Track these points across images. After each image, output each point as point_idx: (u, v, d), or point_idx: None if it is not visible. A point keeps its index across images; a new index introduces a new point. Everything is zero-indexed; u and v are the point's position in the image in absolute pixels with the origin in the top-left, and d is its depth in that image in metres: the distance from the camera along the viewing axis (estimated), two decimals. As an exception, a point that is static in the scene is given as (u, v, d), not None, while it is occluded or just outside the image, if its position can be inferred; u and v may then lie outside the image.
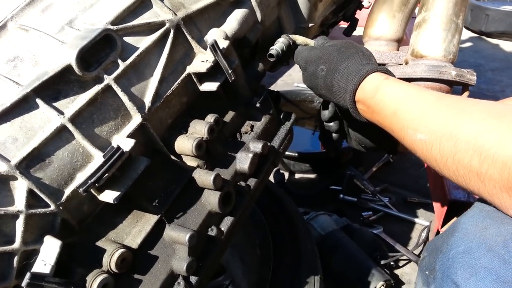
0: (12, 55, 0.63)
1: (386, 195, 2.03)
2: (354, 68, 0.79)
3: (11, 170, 0.56)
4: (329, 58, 0.84)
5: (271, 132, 0.96)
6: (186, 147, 0.76)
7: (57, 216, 0.62)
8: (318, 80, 0.86)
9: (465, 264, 0.56)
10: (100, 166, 0.60)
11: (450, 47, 0.86)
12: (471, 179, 0.58)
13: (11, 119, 0.58)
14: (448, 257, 0.60)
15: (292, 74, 3.60)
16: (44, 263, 0.58)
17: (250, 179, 0.87)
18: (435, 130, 0.63)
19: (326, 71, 0.84)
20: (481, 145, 0.55)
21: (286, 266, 1.12)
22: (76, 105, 0.63)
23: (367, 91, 0.78)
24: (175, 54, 0.77)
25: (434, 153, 0.63)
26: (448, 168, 0.61)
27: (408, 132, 0.69)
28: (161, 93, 0.74)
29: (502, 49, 3.94)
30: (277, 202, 1.37)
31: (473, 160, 0.56)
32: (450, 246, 0.61)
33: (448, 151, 0.60)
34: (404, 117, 0.70)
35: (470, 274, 0.55)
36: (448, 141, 0.60)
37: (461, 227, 0.62)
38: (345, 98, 0.80)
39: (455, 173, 0.60)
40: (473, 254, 0.56)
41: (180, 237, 0.69)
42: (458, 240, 0.61)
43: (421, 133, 0.66)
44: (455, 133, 0.60)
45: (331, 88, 0.83)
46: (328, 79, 0.83)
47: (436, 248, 0.67)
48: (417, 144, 0.67)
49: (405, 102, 0.72)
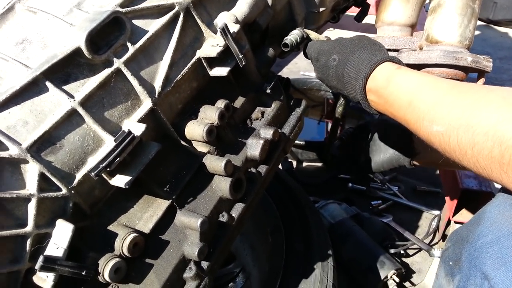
0: (20, 38, 0.63)
1: (395, 184, 2.01)
2: (366, 57, 0.78)
3: (22, 153, 0.56)
4: (342, 49, 0.83)
5: (282, 119, 0.95)
6: (197, 132, 0.75)
7: (68, 200, 0.61)
8: (330, 70, 0.85)
9: (493, 254, 0.55)
10: (111, 150, 0.60)
11: (466, 32, 0.84)
12: (493, 170, 0.56)
13: (21, 102, 0.58)
14: (475, 247, 0.59)
15: (298, 62, 3.57)
16: (56, 246, 0.58)
17: (260, 166, 0.87)
18: (451, 122, 0.61)
19: (338, 61, 0.83)
20: (501, 136, 0.53)
21: (299, 254, 1.12)
22: (86, 88, 0.62)
23: (380, 80, 0.77)
24: (184, 38, 0.76)
25: (453, 145, 0.61)
26: (468, 159, 0.59)
27: (424, 124, 0.67)
28: (171, 77, 0.73)
29: (510, 37, 3.87)
30: (288, 190, 1.36)
31: (493, 151, 0.54)
32: (477, 236, 0.59)
33: (467, 143, 0.58)
34: (419, 108, 0.68)
35: (499, 264, 0.53)
36: (465, 133, 0.58)
37: (487, 217, 0.61)
38: (356, 88, 0.79)
39: (476, 164, 0.58)
40: (502, 243, 0.55)
41: (192, 222, 0.69)
42: (485, 229, 0.59)
43: (437, 125, 0.64)
44: (472, 124, 0.57)
45: (342, 79, 0.82)
46: (339, 69, 0.82)
47: (461, 238, 0.65)
48: (434, 136, 0.65)
49: (419, 92, 0.70)
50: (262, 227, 1.31)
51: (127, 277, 0.65)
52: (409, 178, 2.05)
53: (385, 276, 1.39)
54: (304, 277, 1.07)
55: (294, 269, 1.09)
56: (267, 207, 1.31)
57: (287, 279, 1.09)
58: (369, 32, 4.03)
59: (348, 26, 4.05)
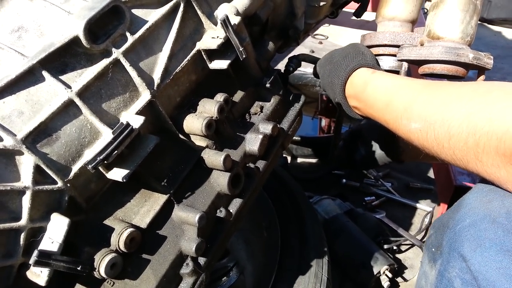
0: (16, 25, 0.60)
1: (389, 180, 2.02)
2: (345, 65, 0.85)
3: (17, 144, 0.54)
4: (332, 59, 0.91)
5: (281, 114, 0.94)
6: (196, 126, 0.73)
7: (64, 193, 0.60)
8: (325, 79, 0.92)
9: (470, 237, 0.57)
10: (109, 142, 0.58)
11: (468, 29, 0.83)
12: (469, 160, 0.58)
13: (16, 92, 0.56)
14: (454, 231, 0.61)
15: (294, 57, 3.55)
16: (51, 241, 0.56)
17: (259, 161, 0.86)
18: (427, 118, 0.63)
19: (329, 70, 0.90)
20: (474, 126, 0.56)
21: (294, 249, 1.11)
22: (84, 79, 0.61)
23: (357, 85, 0.83)
24: (184, 29, 0.74)
25: (430, 140, 0.63)
26: (446, 152, 0.61)
27: (403, 123, 0.69)
28: (170, 69, 0.72)
29: (504, 36, 3.89)
30: (283, 185, 1.35)
31: (468, 141, 0.56)
32: (456, 221, 0.62)
33: (443, 137, 0.60)
34: (397, 108, 0.71)
35: (476, 245, 0.55)
36: (441, 127, 0.60)
37: (466, 203, 0.63)
38: (339, 94, 0.86)
39: (453, 157, 0.60)
40: (478, 226, 0.57)
41: (190, 217, 0.68)
42: (464, 214, 0.61)
43: (415, 122, 0.66)
44: (447, 118, 0.60)
45: (332, 86, 0.89)
46: (329, 77, 0.89)
47: (442, 225, 0.67)
48: (413, 133, 0.67)
49: (395, 93, 0.73)
50: (257, 222, 1.31)
51: (123, 273, 0.63)
52: (402, 174, 2.06)
53: (378, 271, 1.40)
54: (299, 272, 1.06)
55: (289, 264, 1.09)
56: (262, 202, 1.31)
57: (282, 274, 1.09)
58: (365, 28, 4.04)
59: (344, 22, 4.05)
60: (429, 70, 0.84)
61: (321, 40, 3.86)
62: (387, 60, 0.97)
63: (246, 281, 1.37)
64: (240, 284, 1.41)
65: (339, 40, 3.88)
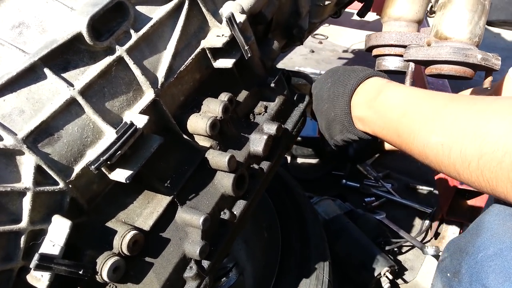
0: (17, 21, 0.59)
1: (389, 181, 2.01)
2: (355, 75, 0.80)
3: (17, 144, 0.52)
4: (335, 73, 0.86)
5: (285, 114, 0.93)
6: (200, 126, 0.72)
7: (65, 194, 0.58)
8: (324, 93, 0.87)
9: (496, 268, 0.52)
10: (112, 142, 0.57)
11: (476, 29, 0.82)
12: (498, 182, 0.52)
13: (17, 90, 0.54)
14: (476, 260, 0.56)
15: (293, 57, 3.55)
16: (52, 244, 0.55)
17: (263, 162, 0.84)
18: (454, 132, 0.57)
19: (331, 83, 0.85)
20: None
21: (295, 249, 1.10)
22: (87, 77, 0.59)
23: (370, 92, 0.76)
24: (189, 27, 0.72)
25: (454, 157, 0.57)
26: (471, 172, 0.55)
27: (421, 135, 0.63)
28: (174, 68, 0.70)
29: (504, 38, 3.90)
30: (284, 185, 1.34)
31: (504, 161, 0.50)
32: (477, 248, 0.57)
33: (472, 154, 0.54)
34: (415, 119, 0.64)
35: (503, 279, 0.51)
36: (472, 143, 0.54)
37: (487, 227, 0.58)
38: (343, 104, 0.79)
39: (479, 178, 0.54)
40: (505, 257, 0.52)
41: (194, 220, 0.66)
42: (486, 241, 0.56)
43: (437, 136, 0.60)
44: (480, 134, 0.53)
45: (333, 98, 0.83)
46: (331, 89, 0.84)
47: (459, 250, 0.63)
48: (432, 148, 0.61)
49: (415, 103, 0.66)
50: (257, 222, 1.29)
51: (126, 277, 0.62)
52: (403, 175, 2.06)
53: (378, 273, 1.39)
54: (300, 274, 1.05)
55: (290, 265, 1.08)
56: (263, 202, 1.29)
57: (283, 275, 1.07)
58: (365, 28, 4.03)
59: (344, 22, 4.05)
60: (437, 71, 0.83)
61: (321, 40, 3.86)
62: (392, 61, 0.96)
63: (246, 282, 1.36)
64: (240, 285, 1.40)
65: (339, 40, 3.88)
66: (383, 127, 0.72)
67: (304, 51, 3.63)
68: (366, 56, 3.59)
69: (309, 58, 3.54)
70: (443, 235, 1.62)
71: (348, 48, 3.74)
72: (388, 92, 0.73)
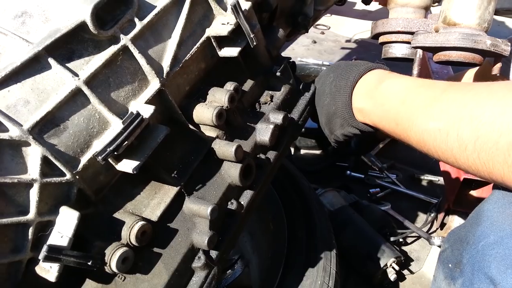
0: (19, 10, 0.58)
1: (394, 172, 2.00)
2: (356, 68, 0.80)
3: (23, 135, 0.52)
4: (337, 68, 0.86)
5: (291, 103, 0.92)
6: (206, 116, 0.71)
7: (73, 185, 0.58)
8: (326, 87, 0.87)
9: (498, 256, 0.52)
10: (119, 133, 0.56)
11: (485, 14, 0.81)
12: (495, 164, 0.52)
13: (22, 80, 0.53)
14: (477, 249, 0.56)
15: (295, 48, 3.52)
16: (60, 235, 0.54)
17: (269, 152, 0.83)
18: (451, 116, 0.57)
19: (333, 77, 0.85)
20: (508, 124, 0.49)
21: (301, 241, 1.10)
22: (91, 66, 0.58)
23: (371, 82, 0.77)
24: (193, 15, 0.71)
25: (451, 141, 0.57)
26: (467, 156, 0.55)
27: (418, 121, 0.63)
28: (179, 57, 0.69)
29: (508, 26, 3.86)
30: (289, 176, 1.33)
31: (499, 142, 0.50)
32: (477, 237, 0.57)
33: (468, 137, 0.54)
34: (414, 106, 0.65)
35: (505, 266, 0.50)
36: (468, 125, 0.54)
37: (487, 216, 0.58)
38: (344, 96, 0.79)
39: (475, 161, 0.54)
40: (506, 244, 0.52)
41: (201, 210, 0.66)
42: (486, 230, 0.56)
43: (434, 121, 0.60)
44: (476, 116, 0.53)
45: (335, 92, 0.83)
46: (333, 83, 0.84)
47: (460, 239, 0.62)
48: (429, 134, 0.61)
49: (414, 91, 0.67)
50: (262, 214, 1.29)
51: (134, 267, 0.61)
52: (407, 166, 2.04)
53: (384, 264, 1.39)
54: (307, 265, 1.05)
55: (297, 256, 1.07)
56: (268, 194, 1.29)
57: (290, 267, 1.07)
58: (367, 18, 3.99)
59: (346, 12, 4.01)
60: (445, 57, 0.82)
61: (323, 30, 3.83)
62: (400, 48, 0.94)
63: (252, 274, 1.36)
64: (245, 277, 1.40)
65: (341, 30, 3.85)
66: (382, 117, 0.72)
67: (306, 41, 3.60)
68: (369, 46, 3.56)
69: (311, 49, 3.51)
70: (449, 226, 1.61)
71: (350, 38, 3.71)
72: (388, 82, 0.73)
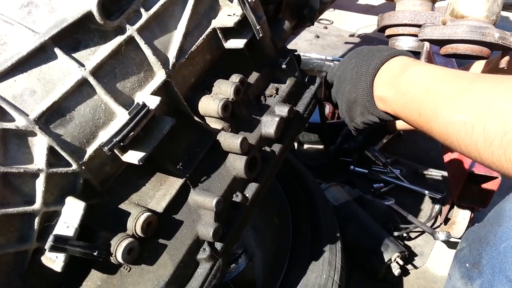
0: (25, 0, 0.57)
1: (397, 167, 2.00)
2: (379, 54, 0.77)
3: (30, 125, 0.52)
4: (359, 53, 0.82)
5: (296, 96, 0.91)
6: (211, 108, 0.71)
7: (78, 176, 0.58)
8: (347, 73, 0.83)
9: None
10: (125, 123, 0.56)
11: (494, 7, 0.80)
12: None
13: (28, 70, 0.53)
14: (498, 250, 0.55)
15: (298, 43, 3.50)
16: (66, 225, 0.54)
17: (274, 145, 0.83)
18: (479, 109, 0.55)
19: (355, 63, 0.81)
20: None
21: (306, 235, 1.09)
22: (97, 57, 0.58)
23: (394, 69, 0.73)
24: (199, 6, 0.71)
25: (476, 135, 0.55)
26: (492, 152, 0.53)
27: (443, 113, 0.61)
28: (185, 48, 0.69)
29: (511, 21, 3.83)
30: (293, 169, 1.33)
31: None
32: (498, 238, 0.56)
33: (495, 132, 0.52)
34: (439, 96, 0.62)
35: None
36: (496, 120, 0.52)
37: (509, 216, 0.56)
38: (366, 84, 0.76)
39: (501, 157, 0.52)
40: None
41: (207, 202, 0.66)
42: (509, 230, 0.55)
43: (459, 113, 0.58)
44: (506, 110, 0.51)
45: (356, 78, 0.79)
46: (355, 68, 0.80)
47: (479, 239, 0.61)
48: (454, 127, 0.58)
49: (440, 81, 0.64)
50: (267, 208, 1.29)
51: (140, 258, 0.62)
52: (411, 161, 2.04)
53: (389, 258, 1.38)
54: (312, 259, 1.05)
55: (301, 250, 1.07)
56: (273, 188, 1.29)
57: (295, 261, 1.07)
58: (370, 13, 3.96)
59: (349, 7, 3.99)
60: (452, 50, 0.81)
61: (326, 25, 3.81)
62: (406, 41, 0.93)
63: (256, 268, 1.36)
64: (249, 271, 1.40)
65: (344, 25, 3.83)
66: (404, 106, 0.69)
67: (309, 36, 3.58)
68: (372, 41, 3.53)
69: (314, 44, 3.49)
70: (454, 221, 1.60)
71: (354, 33, 3.69)
72: (413, 70, 0.70)
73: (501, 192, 1.87)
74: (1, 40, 0.53)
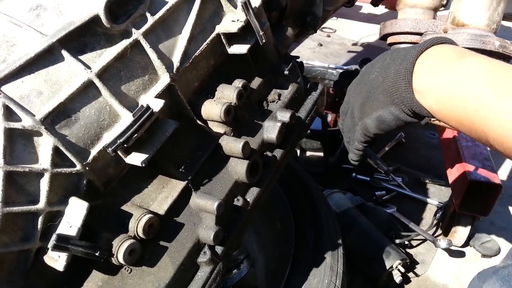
0: (34, 4, 0.59)
1: (399, 175, 2.00)
2: (418, 45, 0.64)
3: (36, 125, 0.53)
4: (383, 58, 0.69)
5: (298, 102, 0.92)
6: (214, 112, 0.72)
7: (82, 177, 0.58)
8: (376, 63, 0.69)
9: None
10: (129, 125, 0.57)
11: (495, 15, 0.81)
12: None
13: (35, 71, 0.54)
14: None
15: (301, 51, 3.53)
16: (69, 225, 0.55)
17: (276, 150, 0.84)
18: None
19: (380, 66, 0.67)
20: None
21: (309, 240, 1.10)
22: (104, 60, 0.59)
23: (445, 55, 0.61)
24: (204, 11, 0.72)
25: None
26: None
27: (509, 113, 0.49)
28: (189, 53, 0.70)
29: (514, 31, 3.85)
30: (295, 175, 1.33)
31: None
32: None
33: None
34: (508, 93, 0.50)
35: None
36: None
37: None
38: (403, 64, 0.62)
39: None
40: None
41: (208, 205, 0.66)
42: None
43: None
44: None
45: (389, 62, 0.65)
46: (383, 70, 0.66)
47: None
48: None
49: (506, 76, 0.53)
50: (269, 213, 1.29)
51: (141, 260, 0.62)
52: (413, 169, 2.04)
53: (390, 266, 1.38)
54: (314, 265, 1.05)
55: (304, 256, 1.07)
56: (274, 192, 1.29)
57: (297, 266, 1.07)
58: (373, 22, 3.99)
59: (352, 16, 4.02)
60: (453, 58, 0.82)
61: (329, 34, 3.84)
62: (408, 49, 0.94)
63: (258, 274, 1.36)
64: (251, 277, 1.40)
65: (347, 33, 3.85)
66: (454, 98, 0.58)
67: (312, 44, 3.61)
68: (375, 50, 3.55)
69: (317, 52, 3.52)
70: (455, 229, 1.60)
71: (357, 41, 3.71)
72: (471, 59, 0.59)
73: (502, 201, 1.87)
74: (10, 42, 0.54)
